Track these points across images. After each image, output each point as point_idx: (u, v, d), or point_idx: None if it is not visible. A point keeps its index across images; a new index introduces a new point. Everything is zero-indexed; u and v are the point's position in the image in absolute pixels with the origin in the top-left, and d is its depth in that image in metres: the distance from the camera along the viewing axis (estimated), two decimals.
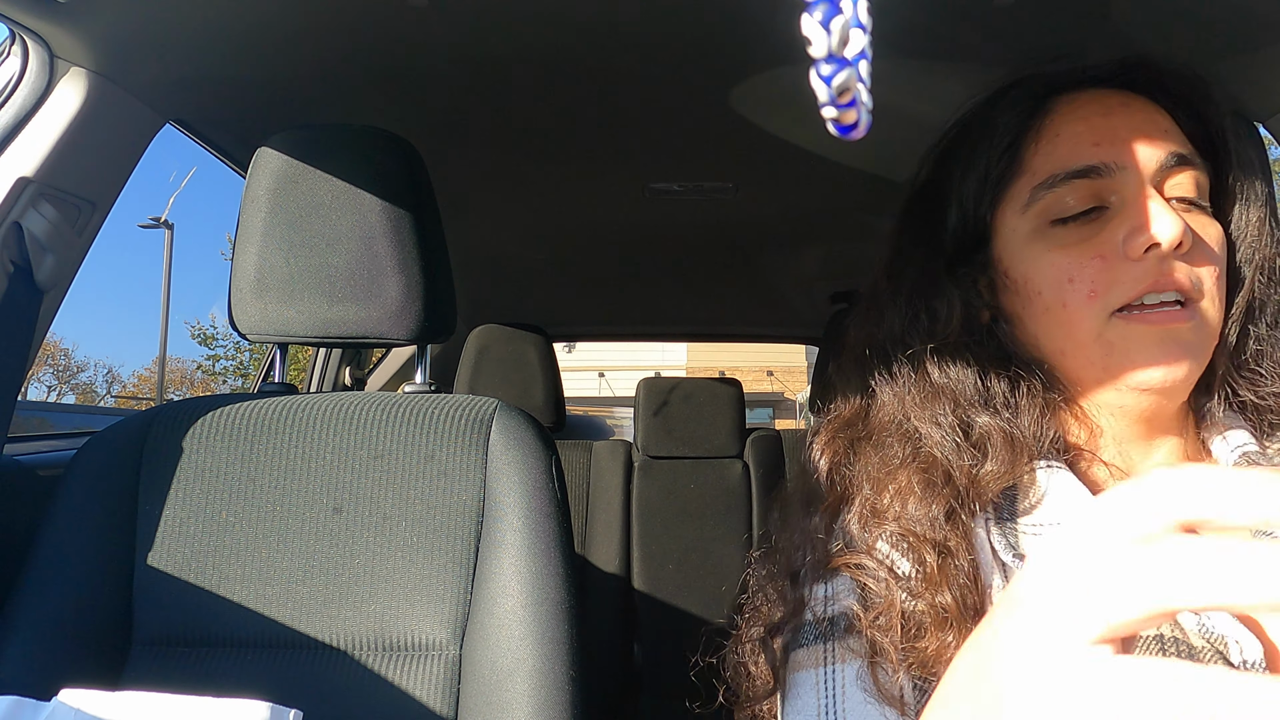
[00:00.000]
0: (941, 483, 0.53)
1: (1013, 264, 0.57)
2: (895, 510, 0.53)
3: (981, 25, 1.00)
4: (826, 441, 0.61)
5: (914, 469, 0.54)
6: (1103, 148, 0.53)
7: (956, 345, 0.57)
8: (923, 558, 0.51)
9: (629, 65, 1.12)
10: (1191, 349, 0.52)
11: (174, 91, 1.07)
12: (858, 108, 0.28)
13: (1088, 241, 0.53)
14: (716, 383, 2.13)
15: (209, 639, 0.82)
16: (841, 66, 0.27)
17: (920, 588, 0.50)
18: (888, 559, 0.52)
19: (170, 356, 17.11)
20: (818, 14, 0.27)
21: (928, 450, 0.55)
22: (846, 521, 0.56)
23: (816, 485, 0.60)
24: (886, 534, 0.53)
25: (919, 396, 0.57)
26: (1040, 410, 0.55)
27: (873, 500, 0.55)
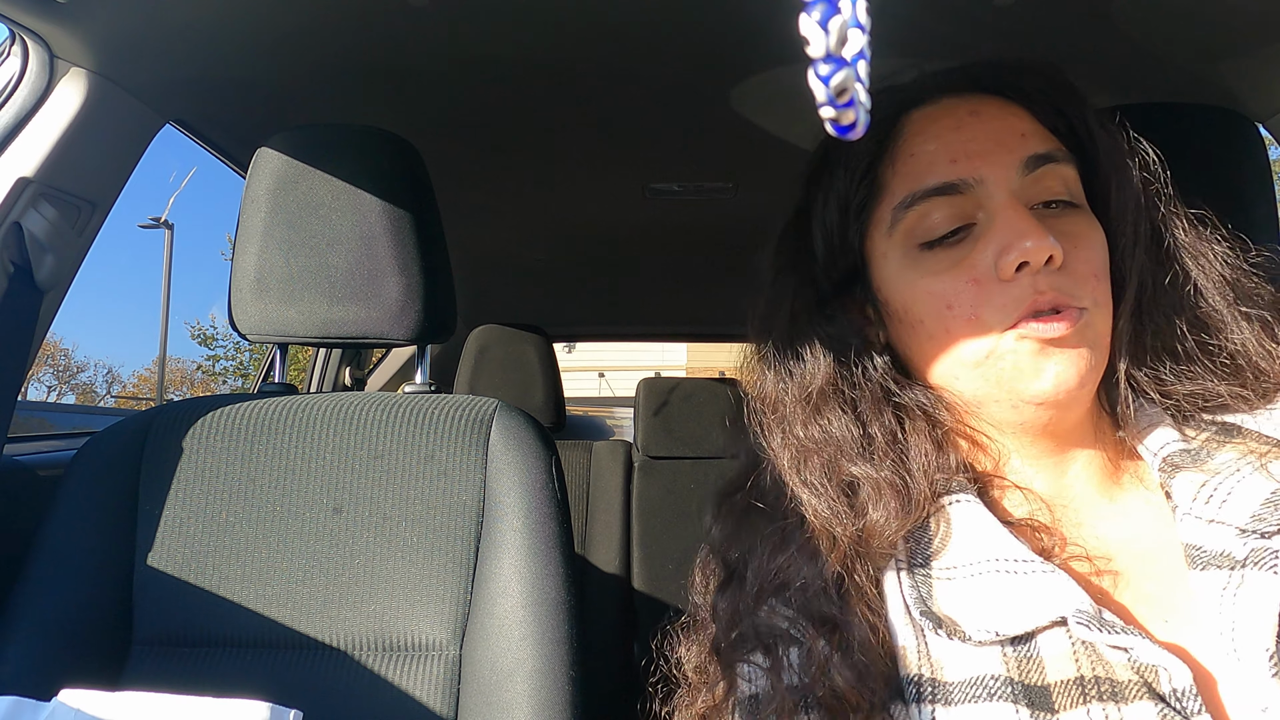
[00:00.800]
0: (829, 545, 0.51)
1: (890, 293, 0.55)
2: (789, 584, 0.51)
3: (981, 25, 1.00)
4: (718, 513, 0.60)
5: (800, 535, 0.52)
6: (959, 164, 0.51)
7: (826, 392, 0.55)
8: (811, 647, 0.48)
9: (629, 65, 1.12)
10: (1082, 355, 0.50)
11: (174, 91, 1.07)
12: (856, 107, 0.28)
13: (959, 265, 0.51)
14: (716, 383, 2.13)
15: (209, 639, 0.82)
16: (839, 66, 0.27)
17: (813, 674, 0.48)
18: (780, 645, 0.50)
19: (170, 356, 17.14)
20: (816, 14, 0.27)
21: (809, 514, 0.52)
22: (743, 605, 0.53)
23: (709, 565, 0.58)
24: (779, 617, 0.51)
25: (792, 456, 0.54)
26: (934, 444, 0.53)
27: (765, 573, 0.53)
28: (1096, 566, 0.49)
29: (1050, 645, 0.46)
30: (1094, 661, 0.45)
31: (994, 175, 0.51)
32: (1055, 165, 0.52)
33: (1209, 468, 0.51)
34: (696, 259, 2.08)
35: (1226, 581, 0.46)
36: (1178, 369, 0.54)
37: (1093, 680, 0.44)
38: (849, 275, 0.57)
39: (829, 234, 0.57)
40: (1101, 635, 0.44)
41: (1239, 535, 0.47)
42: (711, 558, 0.59)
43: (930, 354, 0.54)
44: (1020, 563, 0.48)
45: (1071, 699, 0.44)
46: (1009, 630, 0.46)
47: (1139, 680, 0.44)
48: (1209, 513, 0.49)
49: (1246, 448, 0.51)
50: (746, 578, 0.54)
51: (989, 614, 0.47)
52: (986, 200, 0.51)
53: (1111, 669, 0.44)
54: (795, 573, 0.51)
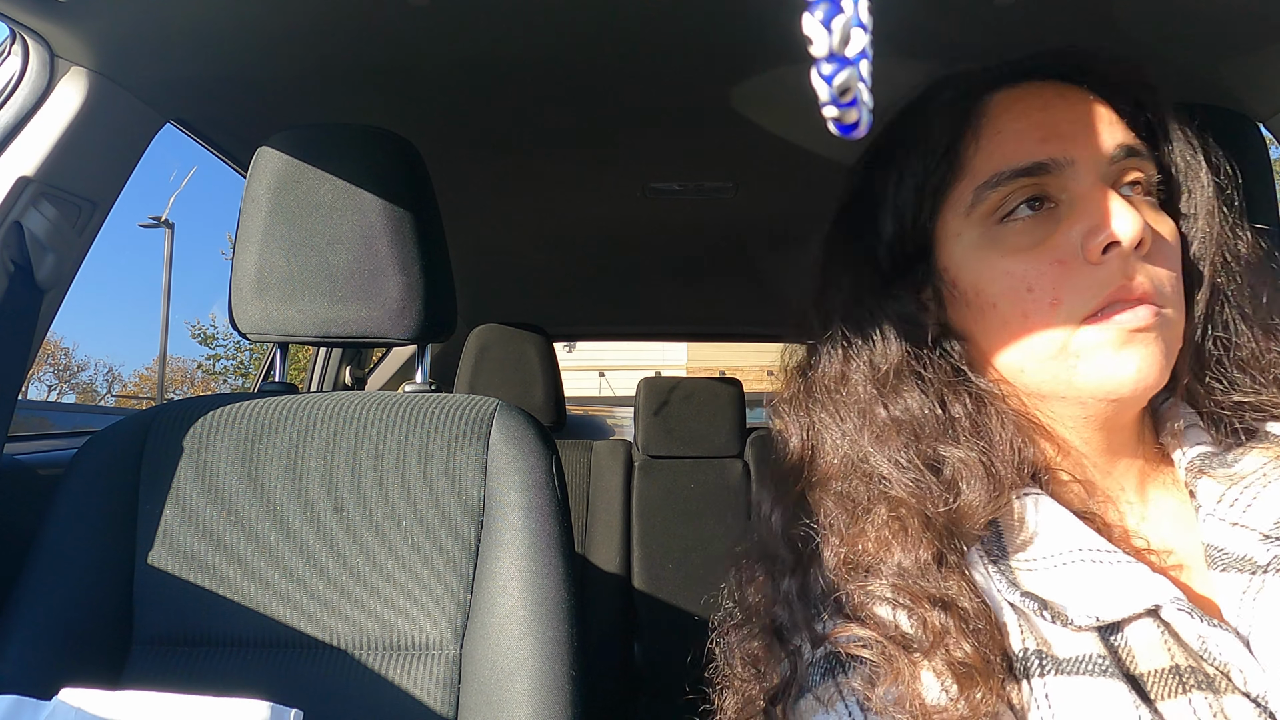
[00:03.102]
0: (922, 526, 0.48)
1: (961, 274, 0.53)
2: (880, 566, 0.48)
3: (981, 25, 1.00)
4: (775, 497, 0.56)
5: (886, 515, 0.49)
6: (1049, 143, 0.50)
7: (902, 372, 0.52)
8: (925, 615, 0.46)
9: (629, 65, 1.11)
10: (1161, 350, 0.48)
11: (174, 91, 1.07)
12: (859, 107, 0.28)
13: (1042, 245, 0.49)
14: (717, 382, 2.13)
15: (209, 638, 0.82)
16: (843, 66, 0.27)
17: (930, 647, 0.45)
18: (888, 623, 0.47)
19: (171, 356, 17.14)
20: (819, 13, 0.27)
21: (896, 494, 0.49)
22: (823, 585, 0.50)
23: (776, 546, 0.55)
24: (877, 596, 0.48)
25: (871, 435, 0.52)
26: (1014, 431, 0.51)
27: (848, 558, 0.49)
28: (1161, 561, 0.49)
29: (1139, 635, 0.46)
30: (1184, 652, 0.44)
31: (1084, 157, 0.50)
32: (1140, 159, 0.51)
33: (1236, 472, 0.50)
34: (696, 259, 2.08)
35: (1247, 585, 0.46)
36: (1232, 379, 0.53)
37: (1189, 670, 0.44)
38: (914, 256, 0.55)
39: (900, 213, 0.55)
40: (1202, 625, 0.44)
41: (1262, 540, 0.47)
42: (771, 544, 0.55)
43: (999, 342, 0.52)
44: (1103, 553, 0.47)
45: (1169, 688, 0.43)
46: (1108, 616, 0.45)
47: (1221, 674, 0.44)
48: (1233, 515, 0.49)
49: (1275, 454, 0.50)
50: (824, 558, 0.51)
51: (1083, 601, 0.46)
52: (1073, 182, 0.50)
53: (1199, 660, 0.44)
54: (885, 554, 0.48)
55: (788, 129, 1.31)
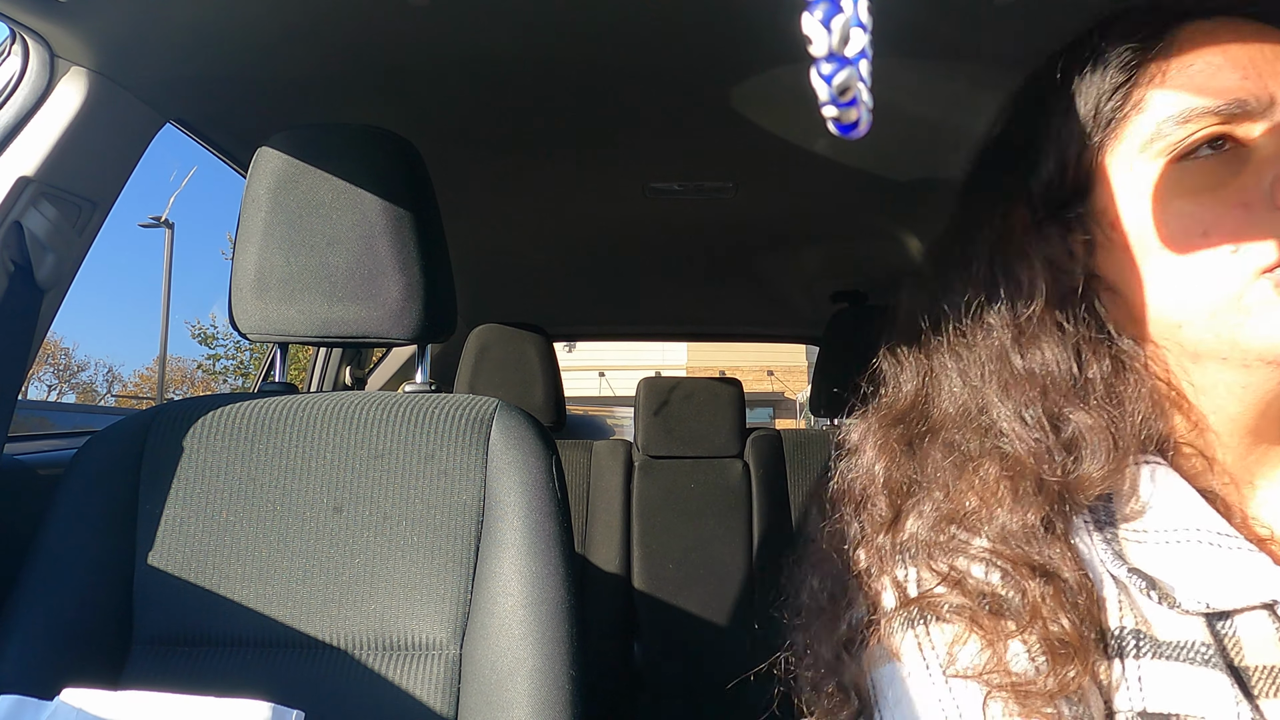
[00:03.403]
0: (1034, 489, 0.45)
1: (1126, 215, 0.48)
2: (982, 525, 0.45)
3: (981, 25, 1.00)
4: (880, 442, 0.52)
5: (997, 473, 0.46)
6: (1249, 80, 0.45)
7: (1044, 321, 0.48)
8: (1023, 583, 0.43)
9: (629, 65, 1.11)
10: None
11: (174, 91, 1.07)
12: (859, 106, 0.28)
13: (1225, 187, 0.45)
14: (716, 382, 2.13)
15: (209, 638, 0.82)
16: (842, 65, 0.27)
17: (1027, 618, 0.42)
18: (982, 585, 0.44)
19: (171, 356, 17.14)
20: (818, 13, 0.27)
21: (1013, 451, 0.46)
22: (918, 538, 0.47)
23: (867, 497, 0.51)
24: (975, 555, 0.45)
25: (999, 385, 0.48)
26: (1149, 400, 0.47)
27: (950, 513, 0.46)
28: None
29: (1250, 627, 0.43)
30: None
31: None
32: None
33: None
34: (696, 259, 2.08)
35: None
36: None
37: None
38: (1072, 196, 0.51)
39: (1063, 148, 0.50)
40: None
41: None
42: (866, 489, 0.51)
43: (1160, 292, 0.47)
44: (1223, 536, 0.44)
45: (1276, 686, 0.41)
46: (1219, 604, 0.43)
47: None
48: None
49: None
50: (923, 510, 0.47)
51: (1194, 584, 0.43)
52: (1268, 123, 0.45)
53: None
54: (990, 514, 0.45)
55: (788, 129, 1.31)
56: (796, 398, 17.18)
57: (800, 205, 1.73)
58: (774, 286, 2.35)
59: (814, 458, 1.98)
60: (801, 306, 2.44)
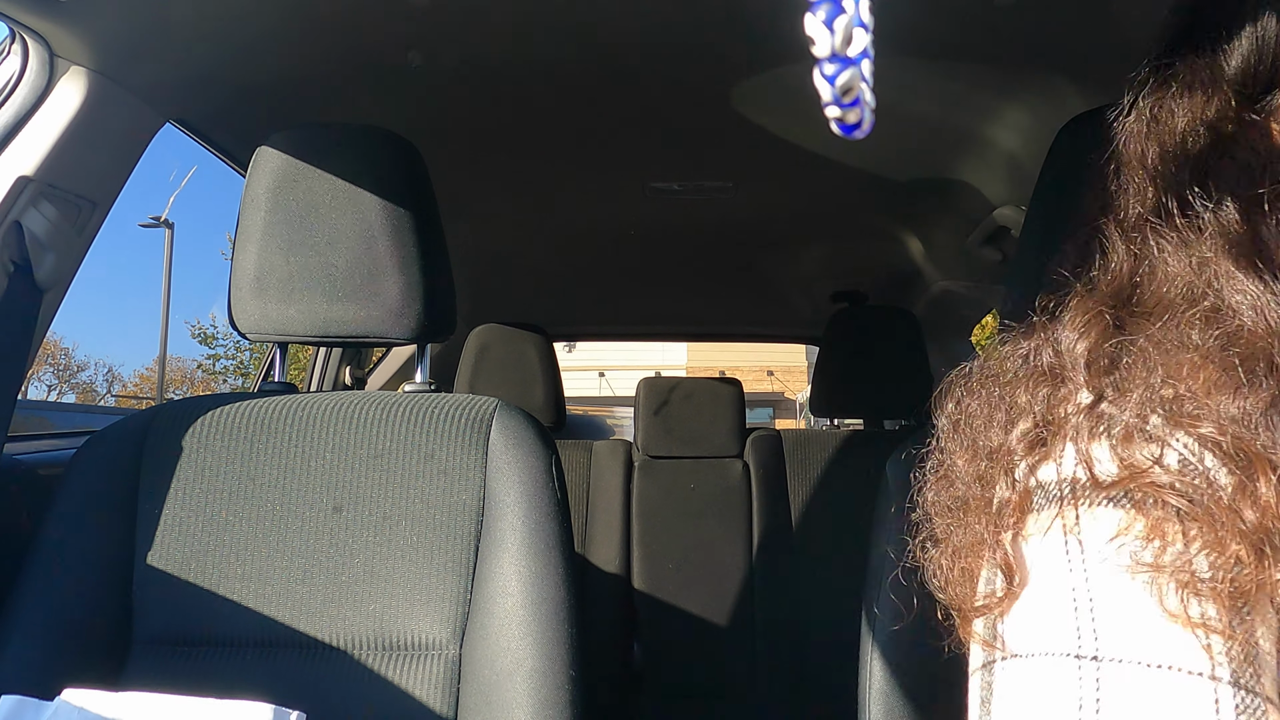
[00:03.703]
0: (1264, 372, 0.40)
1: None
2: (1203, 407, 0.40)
3: (982, 25, 1.00)
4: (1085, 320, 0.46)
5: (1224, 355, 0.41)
6: None
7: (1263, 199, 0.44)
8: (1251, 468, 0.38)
9: (629, 65, 1.12)
10: None
11: (174, 91, 1.07)
12: (861, 106, 0.28)
13: None
14: (716, 382, 2.13)
15: (209, 638, 0.82)
16: (845, 65, 0.27)
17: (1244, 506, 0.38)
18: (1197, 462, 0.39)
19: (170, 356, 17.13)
20: (821, 13, 0.27)
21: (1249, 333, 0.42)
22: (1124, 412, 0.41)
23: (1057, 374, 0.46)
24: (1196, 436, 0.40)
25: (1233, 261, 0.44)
26: None
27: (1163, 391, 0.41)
28: None
29: None
30: None
31: None
32: None
33: None
34: (696, 259, 2.09)
35: None
36: None
37: None
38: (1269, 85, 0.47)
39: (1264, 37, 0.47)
40: None
41: None
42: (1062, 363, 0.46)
43: None
44: None
45: None
46: None
47: None
48: None
49: None
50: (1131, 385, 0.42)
51: None
52: None
53: None
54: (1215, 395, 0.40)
55: (788, 129, 1.31)
56: (796, 398, 17.19)
57: (800, 205, 1.73)
58: (774, 286, 2.35)
59: (814, 458, 1.98)
60: (801, 306, 2.44)
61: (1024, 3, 0.93)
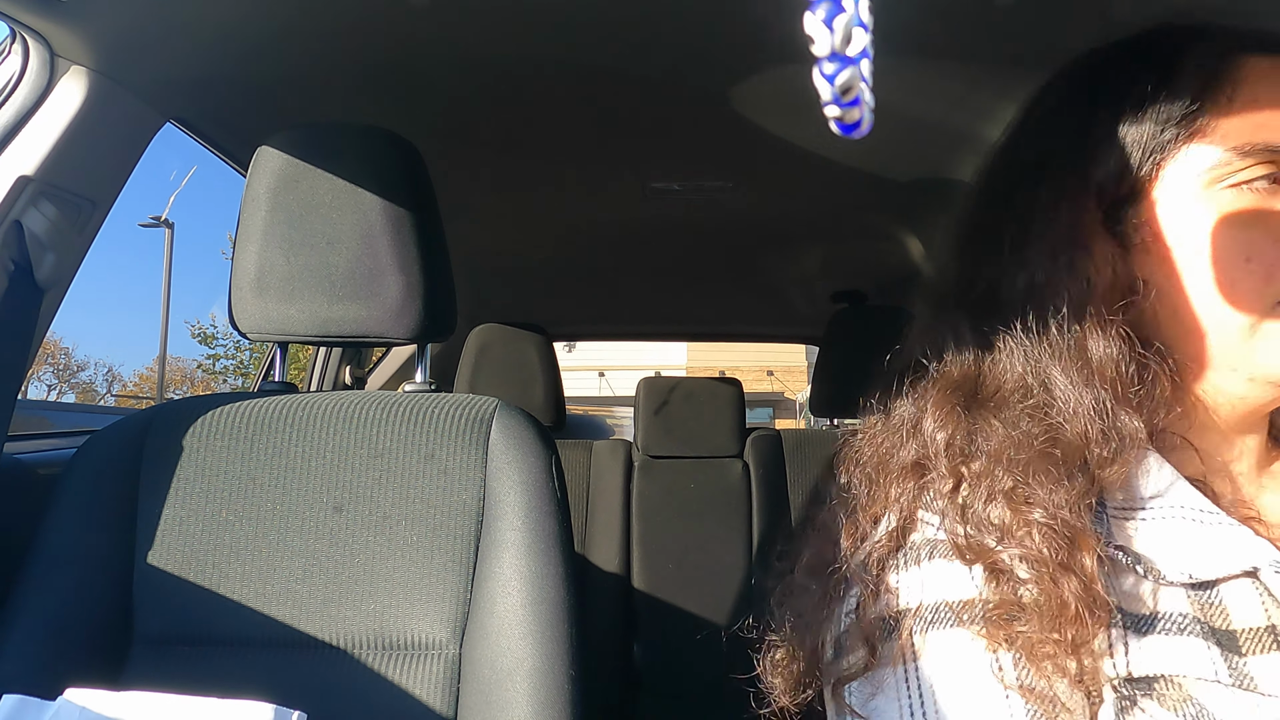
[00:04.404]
0: (1078, 470, 0.47)
1: (1173, 229, 0.51)
2: (1035, 496, 0.47)
3: (981, 25, 1.00)
4: (944, 412, 0.53)
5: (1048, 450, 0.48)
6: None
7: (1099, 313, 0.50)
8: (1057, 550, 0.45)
9: (629, 64, 1.12)
10: None
11: (174, 90, 1.07)
12: (861, 106, 0.28)
13: (1271, 219, 0.48)
14: (716, 382, 2.13)
15: (209, 638, 0.82)
16: (845, 65, 0.27)
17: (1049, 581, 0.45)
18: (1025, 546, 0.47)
19: (170, 355, 17.12)
20: (821, 12, 0.27)
21: (1070, 430, 0.48)
22: (974, 505, 0.49)
23: (922, 463, 0.53)
24: (1029, 523, 0.47)
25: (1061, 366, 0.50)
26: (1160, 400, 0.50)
27: (1006, 485, 0.48)
28: (1268, 531, 0.49)
29: (1234, 594, 0.47)
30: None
31: None
32: None
33: None
34: (697, 259, 2.09)
35: None
36: None
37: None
38: (1126, 200, 0.53)
39: (1122, 157, 0.52)
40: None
41: None
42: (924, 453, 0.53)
43: (1189, 305, 0.50)
44: (1206, 514, 0.48)
45: (1263, 645, 0.45)
46: (1202, 574, 0.46)
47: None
48: None
49: None
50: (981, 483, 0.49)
51: (1179, 557, 0.47)
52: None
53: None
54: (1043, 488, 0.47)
55: (788, 129, 1.31)
56: (796, 398, 17.19)
57: (800, 205, 1.73)
58: (774, 286, 2.35)
59: (814, 457, 1.98)
60: (801, 306, 2.44)
61: (1024, 3, 0.93)
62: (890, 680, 0.48)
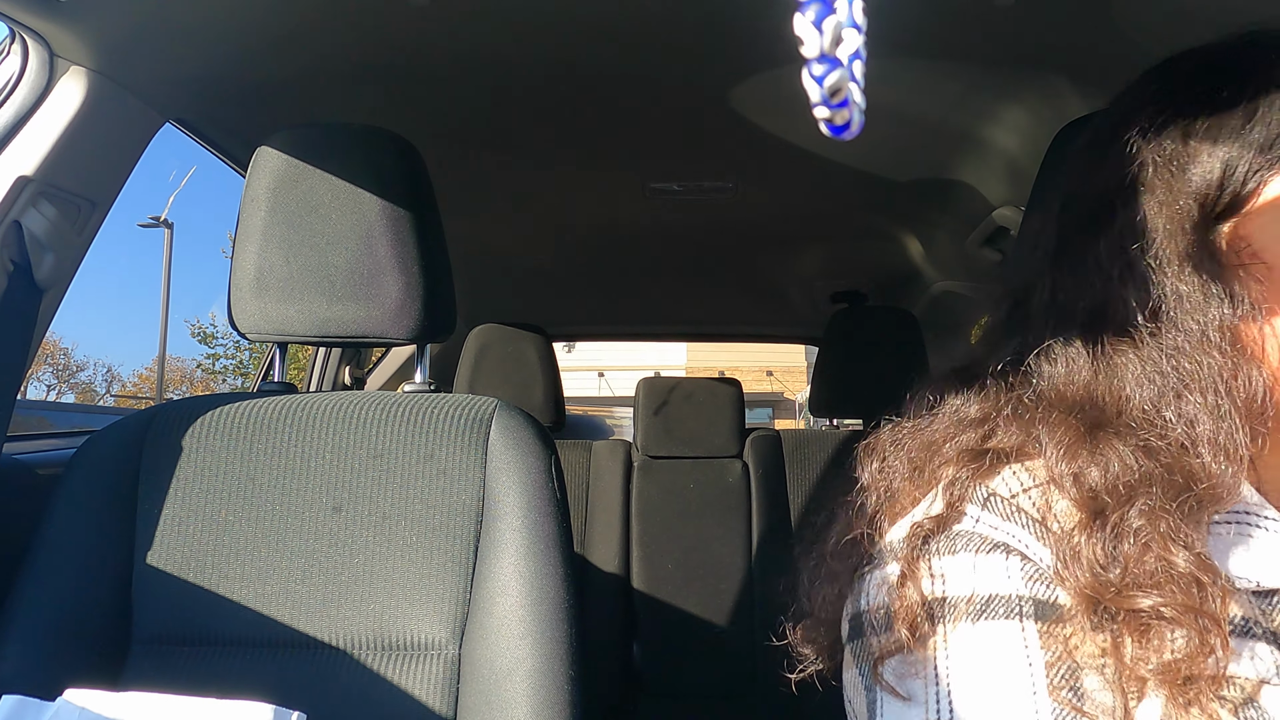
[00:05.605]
0: (1199, 498, 0.46)
1: (1269, 245, 0.48)
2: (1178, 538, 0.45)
3: (981, 25, 1.00)
4: (1069, 436, 0.49)
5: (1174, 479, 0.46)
6: None
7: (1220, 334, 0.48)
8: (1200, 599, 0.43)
9: (629, 65, 1.12)
10: None
11: (174, 91, 1.07)
12: (850, 108, 0.28)
13: None
14: (716, 382, 2.13)
15: (208, 638, 0.82)
16: (834, 66, 0.27)
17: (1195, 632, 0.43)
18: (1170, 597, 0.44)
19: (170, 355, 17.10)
20: (810, 14, 0.27)
21: (1200, 460, 0.47)
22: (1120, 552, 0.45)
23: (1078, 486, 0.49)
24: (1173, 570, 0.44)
25: (1197, 389, 0.47)
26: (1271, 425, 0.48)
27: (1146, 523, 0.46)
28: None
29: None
30: None
31: None
32: None
33: None
34: (697, 259, 2.09)
35: None
36: None
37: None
38: (1222, 213, 0.50)
39: (1231, 165, 0.49)
40: None
41: None
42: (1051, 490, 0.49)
43: None
44: (1270, 520, 0.48)
45: None
46: (1268, 583, 0.46)
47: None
48: None
49: None
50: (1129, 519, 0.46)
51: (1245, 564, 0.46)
52: None
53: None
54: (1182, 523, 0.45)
55: (787, 130, 1.31)
56: (796, 398, 17.18)
57: (800, 205, 1.73)
58: (774, 287, 2.35)
59: (813, 458, 1.98)
60: (801, 307, 2.44)
61: (1024, 3, 0.93)
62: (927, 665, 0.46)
